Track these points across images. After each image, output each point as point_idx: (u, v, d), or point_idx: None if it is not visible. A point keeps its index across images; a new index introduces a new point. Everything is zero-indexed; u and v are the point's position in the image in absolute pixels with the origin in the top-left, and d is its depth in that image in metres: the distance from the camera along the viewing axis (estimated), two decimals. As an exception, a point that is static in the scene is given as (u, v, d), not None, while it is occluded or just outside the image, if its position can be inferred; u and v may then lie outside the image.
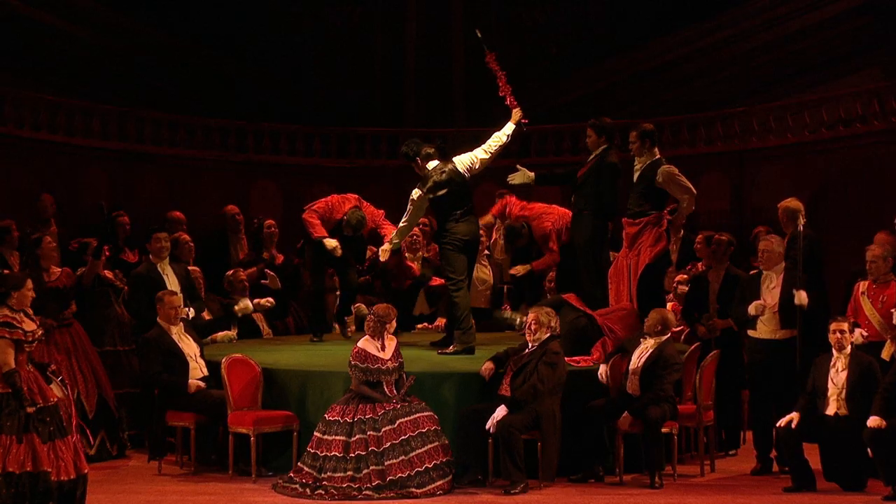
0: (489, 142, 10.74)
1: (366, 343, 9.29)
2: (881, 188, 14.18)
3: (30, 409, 7.84)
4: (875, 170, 14.52)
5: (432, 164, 10.63)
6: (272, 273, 12.41)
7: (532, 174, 11.11)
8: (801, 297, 9.67)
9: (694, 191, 10.61)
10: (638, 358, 9.53)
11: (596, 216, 10.71)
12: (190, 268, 11.46)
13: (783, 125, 15.59)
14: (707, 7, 17.27)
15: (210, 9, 17.71)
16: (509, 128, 10.78)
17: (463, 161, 10.65)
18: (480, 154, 10.69)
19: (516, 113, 10.83)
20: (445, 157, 10.73)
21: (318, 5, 18.58)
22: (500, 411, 9.05)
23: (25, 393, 7.86)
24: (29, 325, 8.05)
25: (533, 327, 9.34)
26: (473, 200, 10.81)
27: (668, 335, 9.61)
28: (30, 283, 8.17)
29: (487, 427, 9.06)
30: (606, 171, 10.72)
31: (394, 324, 9.44)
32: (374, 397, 9.09)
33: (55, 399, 8.00)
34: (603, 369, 9.62)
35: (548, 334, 9.38)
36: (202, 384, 9.81)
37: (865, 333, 9.49)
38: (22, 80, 15.34)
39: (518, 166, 11.21)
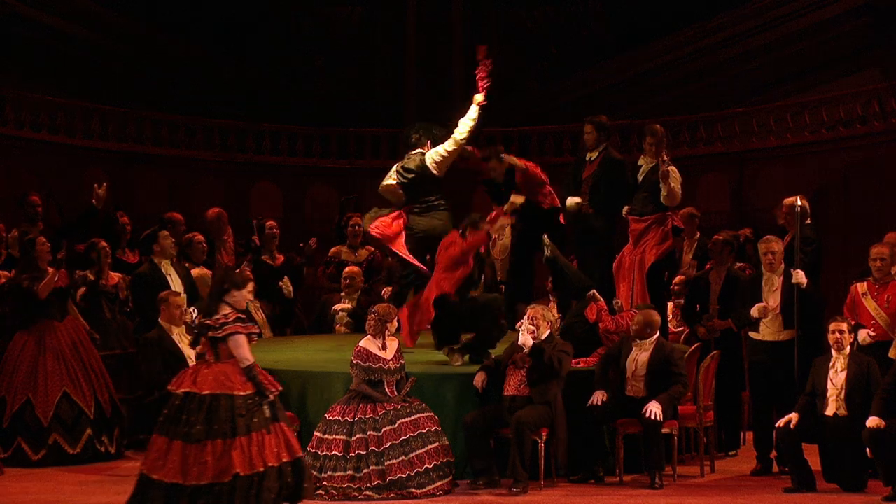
0: (457, 130, 10.48)
1: (367, 342, 9.29)
2: (881, 189, 14.19)
3: (272, 397, 7.83)
4: (875, 170, 14.54)
5: (414, 152, 10.58)
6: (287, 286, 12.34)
7: (579, 199, 10.90)
8: (799, 275, 9.67)
9: (678, 198, 10.48)
10: (634, 362, 9.50)
11: (607, 216, 10.71)
12: (203, 270, 11.40)
13: (783, 126, 15.62)
14: (707, 8, 17.28)
15: (210, 10, 17.74)
16: (473, 110, 10.50)
17: (431, 154, 10.50)
18: (449, 146, 10.45)
19: (477, 96, 10.58)
20: (409, 147, 10.62)
21: (319, 6, 18.60)
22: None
23: (266, 384, 7.87)
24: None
25: (537, 323, 9.33)
26: (444, 198, 10.60)
27: (658, 333, 9.59)
28: (251, 286, 8.08)
29: (475, 383, 9.18)
30: (618, 169, 10.71)
31: (395, 323, 9.44)
32: (374, 397, 9.08)
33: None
34: (598, 396, 9.57)
35: (548, 330, 9.39)
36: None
37: (873, 333, 9.48)
38: (22, 81, 15.36)
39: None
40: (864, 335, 9.44)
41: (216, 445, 7.56)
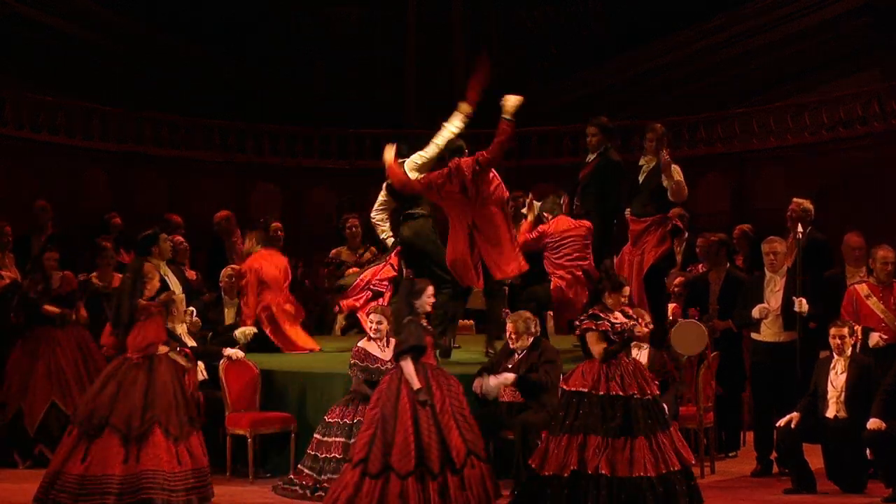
0: (438, 135, 10.37)
1: (367, 343, 9.29)
2: (881, 190, 14.18)
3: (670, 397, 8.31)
4: (875, 171, 14.53)
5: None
6: None
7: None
8: (802, 304, 9.63)
9: (685, 191, 10.45)
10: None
11: (603, 217, 10.69)
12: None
13: (783, 127, 15.61)
14: (707, 8, 17.27)
15: (210, 10, 17.73)
16: (458, 120, 10.37)
17: (407, 163, 10.44)
18: (430, 150, 10.38)
19: (465, 106, 10.42)
20: (403, 156, 10.51)
21: (319, 6, 18.60)
22: (494, 380, 8.99)
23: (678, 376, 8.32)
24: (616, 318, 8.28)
25: (513, 337, 9.25)
26: (425, 206, 10.49)
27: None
28: (626, 290, 8.44)
29: (474, 388, 9.03)
30: (611, 171, 10.68)
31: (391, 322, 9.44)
32: (373, 397, 9.09)
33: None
34: None
35: (531, 340, 9.31)
36: (240, 354, 9.78)
37: (885, 336, 9.44)
38: (22, 81, 15.35)
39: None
40: (876, 339, 9.40)
41: (634, 441, 7.92)
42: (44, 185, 13.87)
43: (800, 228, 10.03)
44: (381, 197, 10.90)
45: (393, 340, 9.32)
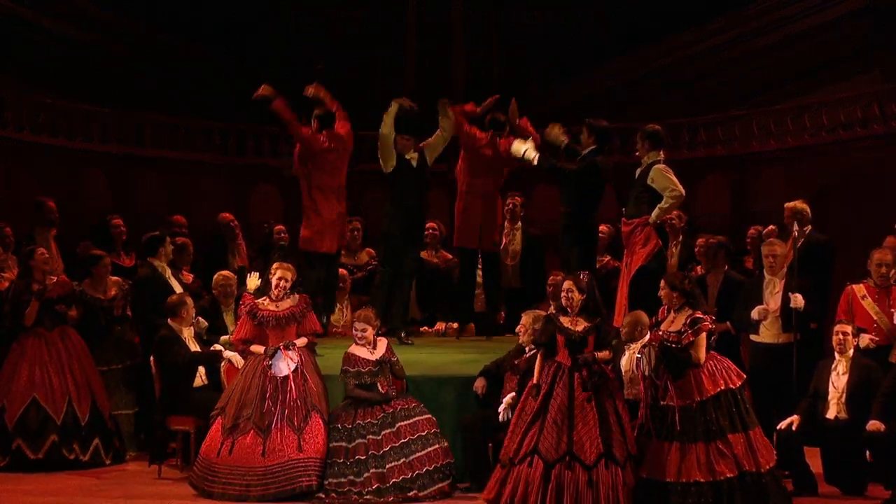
0: None
1: (356, 348, 9.32)
2: (882, 192, 14.16)
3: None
4: (875, 173, 14.51)
5: None
6: None
7: (535, 155, 10.93)
8: (797, 300, 9.65)
9: (681, 191, 10.32)
10: (630, 363, 9.43)
11: (581, 216, 10.67)
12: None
13: (783, 129, 15.58)
14: (708, 10, 17.25)
15: (210, 10, 17.72)
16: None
17: None
18: None
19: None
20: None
21: (319, 6, 18.60)
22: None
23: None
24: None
25: (529, 331, 9.28)
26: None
27: (649, 335, 9.51)
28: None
29: (475, 388, 9.34)
30: (591, 171, 10.66)
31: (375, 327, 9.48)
32: (370, 399, 9.10)
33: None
34: None
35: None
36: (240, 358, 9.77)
37: (876, 338, 9.46)
38: (22, 83, 15.34)
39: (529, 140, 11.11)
40: (866, 340, 9.43)
41: (732, 439, 8.47)
42: (44, 186, 13.86)
43: (796, 227, 10.04)
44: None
45: (381, 342, 9.37)
